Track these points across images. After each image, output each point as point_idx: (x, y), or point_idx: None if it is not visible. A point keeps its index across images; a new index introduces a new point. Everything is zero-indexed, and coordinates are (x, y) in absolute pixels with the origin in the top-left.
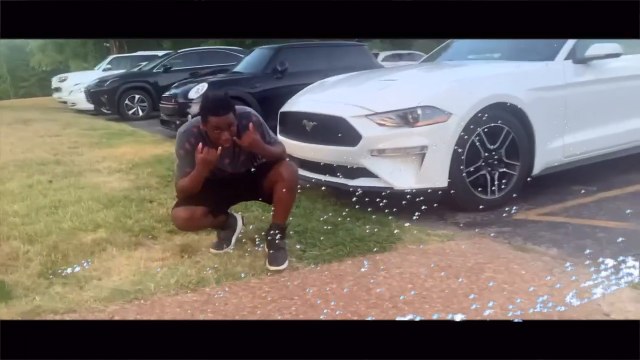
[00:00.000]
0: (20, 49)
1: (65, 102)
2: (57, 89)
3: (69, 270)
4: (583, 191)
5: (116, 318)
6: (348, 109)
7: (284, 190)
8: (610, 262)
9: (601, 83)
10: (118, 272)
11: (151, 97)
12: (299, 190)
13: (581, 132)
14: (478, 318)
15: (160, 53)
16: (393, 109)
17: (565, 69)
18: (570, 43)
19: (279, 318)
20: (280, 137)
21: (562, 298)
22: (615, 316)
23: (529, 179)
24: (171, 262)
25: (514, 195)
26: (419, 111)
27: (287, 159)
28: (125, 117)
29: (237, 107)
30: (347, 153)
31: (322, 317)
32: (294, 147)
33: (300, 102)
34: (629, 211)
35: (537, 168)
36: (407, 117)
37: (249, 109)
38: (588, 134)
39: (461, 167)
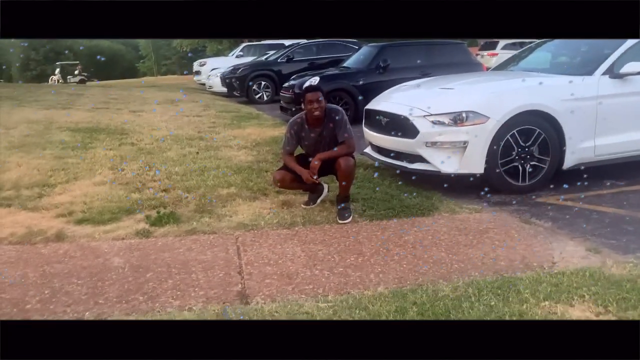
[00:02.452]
0: None
1: (203, 84)
2: (197, 72)
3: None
4: (609, 184)
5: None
6: (410, 110)
7: (341, 175)
8: (577, 238)
9: (632, 95)
10: (242, 213)
11: (275, 84)
12: (376, 169)
13: (612, 136)
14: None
15: (286, 42)
16: (444, 112)
17: (600, 83)
18: (609, 61)
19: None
20: (364, 128)
21: (532, 251)
22: (560, 265)
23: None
24: (276, 210)
25: (544, 182)
26: (464, 114)
27: (348, 154)
28: (252, 101)
29: (328, 104)
30: (408, 143)
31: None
32: (373, 136)
33: (379, 102)
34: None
35: (568, 163)
36: (454, 119)
37: (337, 107)
38: (618, 138)
39: (496, 158)
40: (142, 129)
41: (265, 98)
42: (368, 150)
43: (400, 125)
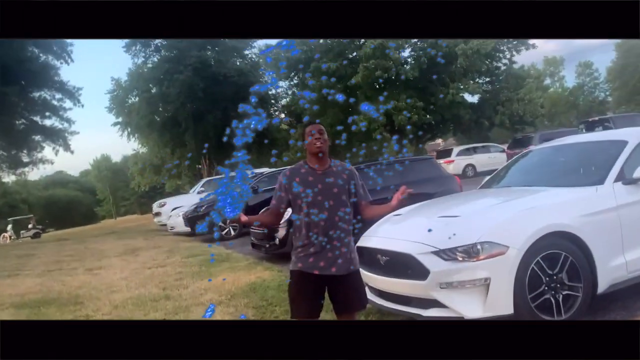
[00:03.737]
0: (122, 171)
1: (164, 225)
2: (157, 214)
3: None
4: None
5: None
6: (415, 246)
7: None
8: None
9: None
10: None
11: None
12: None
13: None
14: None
15: (249, 173)
16: (456, 245)
17: (615, 191)
18: (617, 167)
19: None
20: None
21: None
22: None
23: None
24: None
25: (581, 313)
26: (479, 246)
27: None
28: (219, 238)
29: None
30: (419, 286)
31: None
32: (371, 278)
33: (370, 238)
34: None
35: (602, 286)
36: (468, 252)
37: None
38: None
39: (525, 292)
40: (99, 292)
41: (232, 233)
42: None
43: (405, 265)
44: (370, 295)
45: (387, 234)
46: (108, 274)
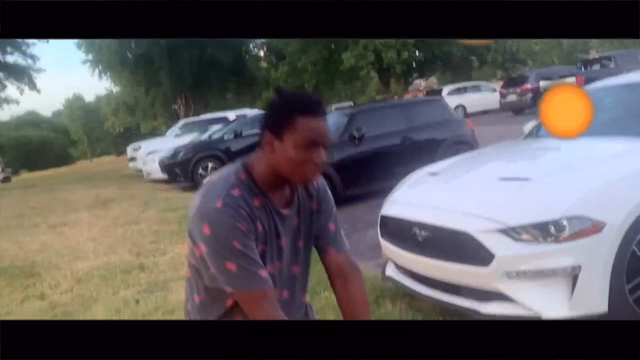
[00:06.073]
0: (95, 112)
1: (140, 171)
2: (132, 159)
3: None
4: None
5: None
6: (473, 222)
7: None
8: None
9: None
10: None
11: (224, 164)
12: None
13: None
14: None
15: (230, 116)
16: (531, 221)
17: None
18: None
19: None
20: (383, 242)
21: None
22: None
23: None
24: None
25: None
26: (565, 222)
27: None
28: (199, 185)
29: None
30: (477, 274)
31: None
32: (403, 258)
33: (406, 205)
34: None
35: None
36: (550, 230)
37: None
38: None
39: (622, 284)
40: (60, 259)
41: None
42: (392, 272)
43: (456, 245)
44: (398, 276)
45: (426, 200)
46: (73, 233)
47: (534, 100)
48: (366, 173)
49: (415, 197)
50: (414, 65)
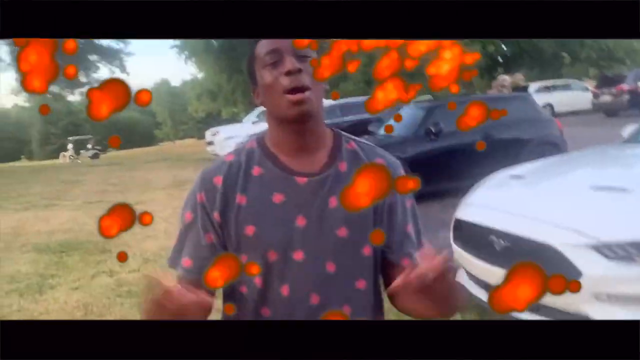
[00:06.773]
0: (180, 95)
1: (218, 155)
2: (210, 143)
3: None
4: None
5: None
6: (560, 234)
7: None
8: None
9: None
10: None
11: None
12: None
13: None
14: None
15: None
16: (629, 238)
17: None
18: None
19: None
20: (455, 247)
21: None
22: None
23: None
24: None
25: None
26: None
27: None
28: None
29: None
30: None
31: None
32: (476, 267)
33: (484, 210)
34: None
35: None
36: None
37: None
38: None
39: None
40: (132, 237)
41: None
42: (462, 281)
43: (539, 260)
44: (472, 288)
45: (507, 206)
46: (148, 211)
47: (631, 102)
48: (442, 170)
49: (495, 202)
50: (500, 59)
